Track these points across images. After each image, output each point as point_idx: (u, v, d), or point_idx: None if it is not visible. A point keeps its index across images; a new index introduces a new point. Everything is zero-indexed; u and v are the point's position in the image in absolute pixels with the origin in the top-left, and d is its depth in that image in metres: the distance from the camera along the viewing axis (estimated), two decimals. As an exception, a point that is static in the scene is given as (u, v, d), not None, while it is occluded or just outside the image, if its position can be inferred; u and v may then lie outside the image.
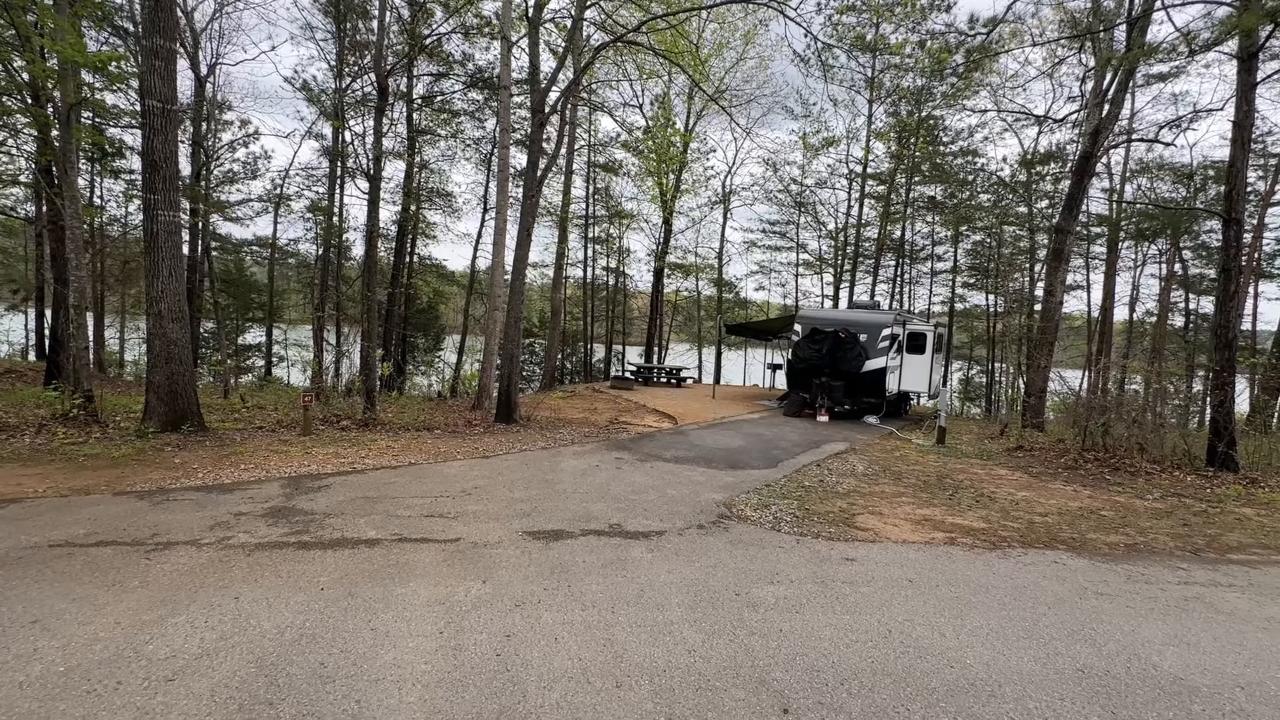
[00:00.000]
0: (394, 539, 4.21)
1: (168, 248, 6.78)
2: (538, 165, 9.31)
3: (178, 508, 4.68)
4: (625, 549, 4.26)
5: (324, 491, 5.34)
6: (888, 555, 4.48)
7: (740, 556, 4.25)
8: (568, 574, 3.73)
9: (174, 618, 2.93)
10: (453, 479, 6.08)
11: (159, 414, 6.94)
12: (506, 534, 4.44)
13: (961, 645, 3.08)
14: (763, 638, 3.05)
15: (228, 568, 3.56)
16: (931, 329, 14.56)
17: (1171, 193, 20.83)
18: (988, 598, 3.74)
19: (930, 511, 5.95)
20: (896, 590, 3.78)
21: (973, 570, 4.25)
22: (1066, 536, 5.29)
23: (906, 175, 23.64)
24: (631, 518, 5.04)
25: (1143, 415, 8.92)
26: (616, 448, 8.39)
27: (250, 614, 3.01)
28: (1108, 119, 13.82)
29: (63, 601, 3.04)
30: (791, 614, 3.35)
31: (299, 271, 28.02)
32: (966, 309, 26.41)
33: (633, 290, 29.77)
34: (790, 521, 5.28)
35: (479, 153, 24.17)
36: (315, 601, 3.18)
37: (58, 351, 11.08)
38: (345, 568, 3.64)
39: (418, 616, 3.08)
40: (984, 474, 8.06)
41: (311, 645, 2.74)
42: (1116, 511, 6.29)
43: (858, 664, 2.83)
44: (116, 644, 2.67)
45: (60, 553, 3.65)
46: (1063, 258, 14.44)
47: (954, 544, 4.92)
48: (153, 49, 6.35)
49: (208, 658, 2.60)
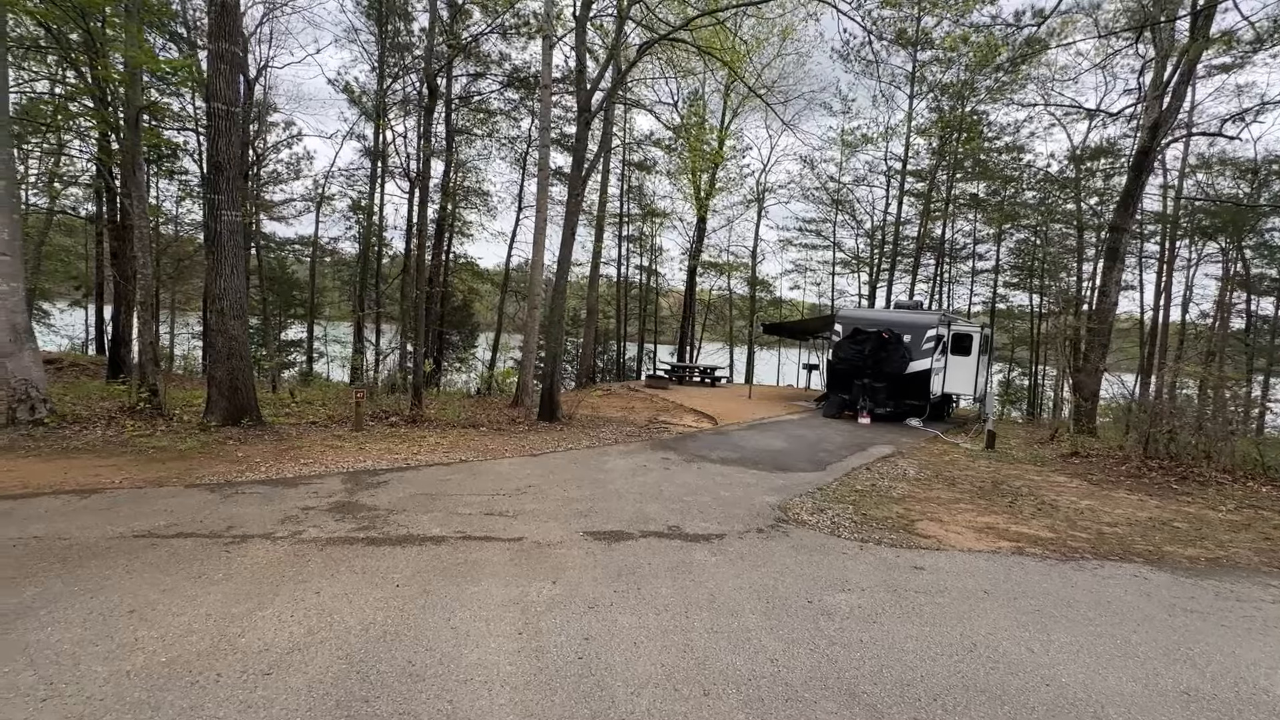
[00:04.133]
0: (459, 536, 4.24)
1: (230, 246, 6.97)
2: (583, 163, 9.32)
3: (247, 501, 4.80)
4: (688, 552, 4.21)
5: (383, 488, 5.42)
6: (957, 564, 4.35)
7: (805, 562, 4.17)
8: (635, 576, 3.71)
9: (261, 611, 2.99)
10: (506, 477, 6.12)
11: (220, 408, 7.15)
12: (568, 534, 4.44)
13: (1053, 662, 2.96)
14: (844, 648, 2.98)
15: (304, 562, 3.62)
16: (978, 330, 14.18)
17: (1231, 189, 19.92)
18: (1071, 612, 3.60)
19: (992, 519, 5.78)
20: (973, 602, 3.67)
21: (1049, 582, 4.10)
22: (1141, 549, 5.07)
23: (948, 172, 23.08)
24: (688, 520, 5.00)
25: (1213, 421, 8.53)
26: (661, 447, 8.35)
27: (332, 609, 3.05)
28: (1168, 112, 13.26)
29: (154, 592, 3.12)
30: (869, 624, 3.26)
31: (336, 269, 28.66)
32: (1008, 309, 25.68)
33: (664, 289, 29.71)
34: (849, 526, 5.17)
35: (514, 152, 24.36)
36: (393, 599, 3.21)
37: (119, 346, 11.51)
38: (416, 565, 3.68)
39: (494, 616, 3.08)
40: (1041, 481, 7.80)
41: (396, 643, 2.76)
42: (1190, 523, 6.01)
43: (948, 679, 2.74)
44: (211, 636, 2.73)
45: (145, 543, 3.76)
46: (1118, 257, 13.91)
47: (1022, 553, 4.76)
48: (218, 53, 6.54)
49: (299, 652, 2.64)
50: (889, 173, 24.44)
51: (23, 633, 2.65)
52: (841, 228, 26.38)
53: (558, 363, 9.69)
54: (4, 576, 3.19)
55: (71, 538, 3.78)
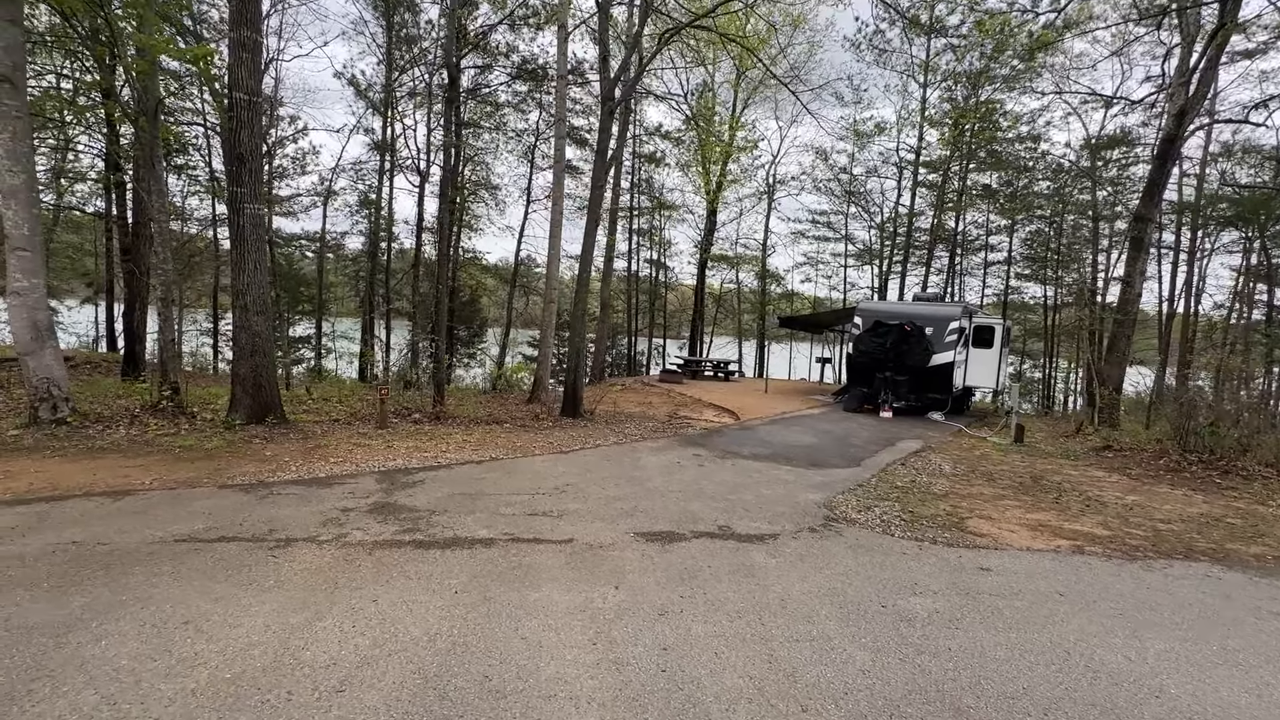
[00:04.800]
0: (507, 539, 4.09)
1: (253, 240, 6.80)
2: (606, 153, 9.13)
3: (284, 502, 4.66)
4: (745, 554, 4.06)
5: (419, 487, 5.27)
6: (1022, 564, 4.19)
7: (868, 564, 4.02)
8: (697, 580, 3.56)
9: (320, 621, 2.84)
10: (541, 475, 5.97)
11: (244, 406, 7.00)
12: (617, 535, 4.29)
13: (1155, 671, 2.81)
14: (933, 657, 2.83)
15: (354, 567, 3.48)
16: (1000, 322, 13.99)
17: (1249, 178, 19.60)
18: (1155, 616, 3.45)
19: (1042, 516, 5.62)
20: (1051, 605, 3.51)
21: (1121, 583, 3.94)
22: (1203, 547, 4.91)
23: (961, 162, 22.80)
24: (736, 519, 4.85)
25: (1253, 414, 8.35)
26: (690, 444, 8.20)
27: (394, 618, 2.91)
28: (1195, 99, 13.00)
29: (206, 601, 2.98)
30: (951, 630, 3.11)
31: (341, 264, 28.46)
32: (1022, 301, 25.43)
33: (673, 283, 29.49)
34: (900, 525, 5.02)
35: (521, 145, 24.11)
36: (454, 606, 3.06)
37: (134, 343, 11.37)
38: (471, 569, 3.53)
39: (563, 625, 2.94)
40: (1080, 476, 7.63)
41: (468, 655, 2.62)
42: (1244, 520, 5.85)
43: (1051, 692, 2.59)
44: (273, 649, 2.58)
45: (188, 548, 3.62)
46: (1143, 247, 13.69)
47: (1083, 552, 4.60)
48: (240, 41, 6.35)
49: (368, 667, 2.49)
50: (900, 164, 24.18)
51: (76, 647, 2.51)
52: (854, 220, 26.12)
53: (581, 358, 9.53)
54: (50, 586, 3.04)
55: (111, 543, 3.64)
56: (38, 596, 2.93)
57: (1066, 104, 20.99)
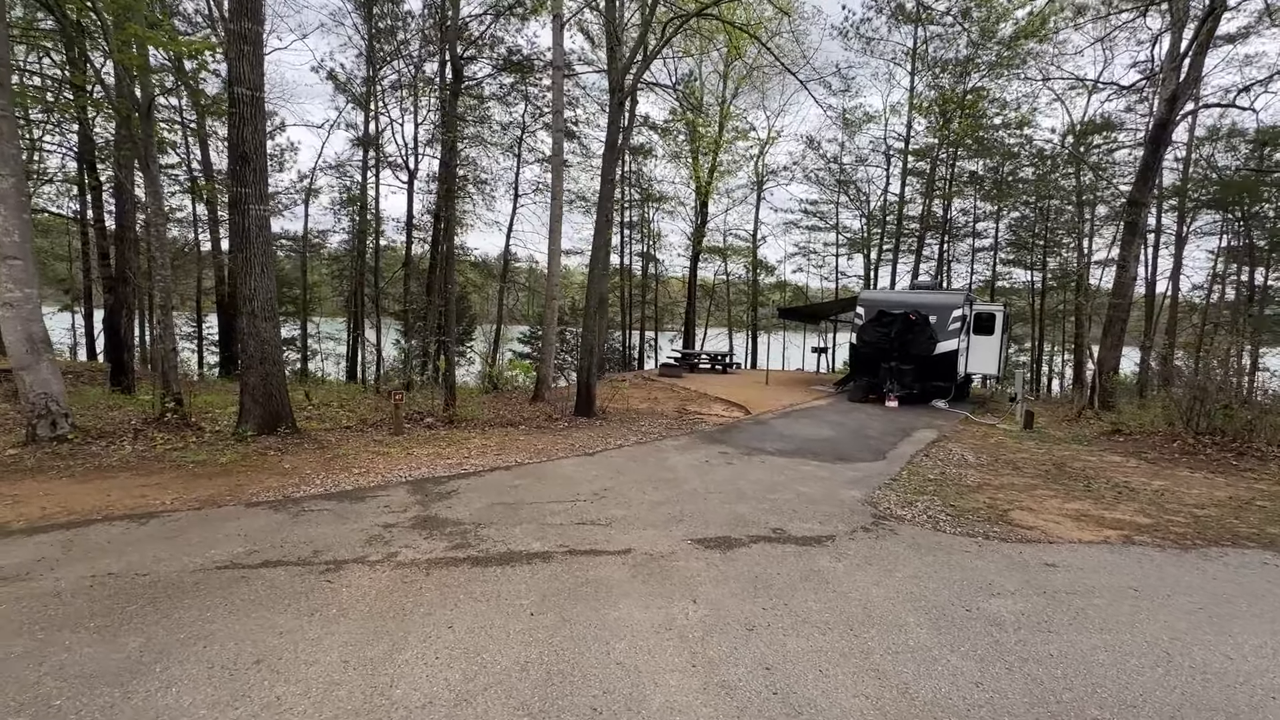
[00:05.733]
0: (563, 551, 3.94)
1: (259, 243, 6.49)
2: (615, 146, 8.91)
3: (319, 519, 4.44)
4: (810, 558, 3.96)
5: (456, 498, 5.08)
6: (1083, 559, 4.16)
7: (933, 564, 3.94)
8: (773, 590, 3.45)
9: (400, 654, 2.67)
10: (574, 480, 5.81)
11: (255, 416, 6.72)
12: (674, 543, 4.16)
13: (1261, 670, 2.77)
14: (1039, 665, 2.75)
15: (416, 590, 3.30)
16: (1000, 308, 14.09)
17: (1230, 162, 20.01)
18: (1233, 608, 3.42)
19: (1079, 505, 5.62)
20: (1130, 601, 3.47)
21: (1187, 575, 3.92)
22: (1246, 533, 4.94)
23: (949, 150, 22.93)
24: (786, 520, 4.75)
25: (1261, 394, 8.49)
26: (712, 441, 8.10)
27: (476, 647, 2.74)
28: (1186, 83, 13.16)
29: (271, 636, 2.78)
30: (1045, 634, 3.04)
31: (325, 264, 27.80)
32: (1009, 286, 25.77)
33: (663, 276, 29.33)
34: (947, 520, 4.97)
35: (507, 137, 23.64)
36: (534, 630, 2.91)
37: (121, 351, 10.92)
38: (538, 588, 3.37)
39: (654, 646, 2.80)
40: (1099, 462, 7.69)
41: (567, 685, 2.47)
42: (1272, 502, 5.92)
43: (1168, 697, 2.52)
44: (360, 689, 2.41)
45: (233, 576, 3.41)
46: (1137, 231, 13.90)
47: (1133, 543, 4.59)
48: (240, 33, 6.01)
49: (467, 704, 2.33)
50: (889, 152, 24.26)
51: (146, 697, 2.31)
52: (844, 209, 26.18)
53: (594, 356, 9.35)
54: (97, 625, 2.82)
55: (151, 573, 3.41)
56: (86, 638, 2.71)
57: (1051, 90, 21.20)
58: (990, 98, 21.64)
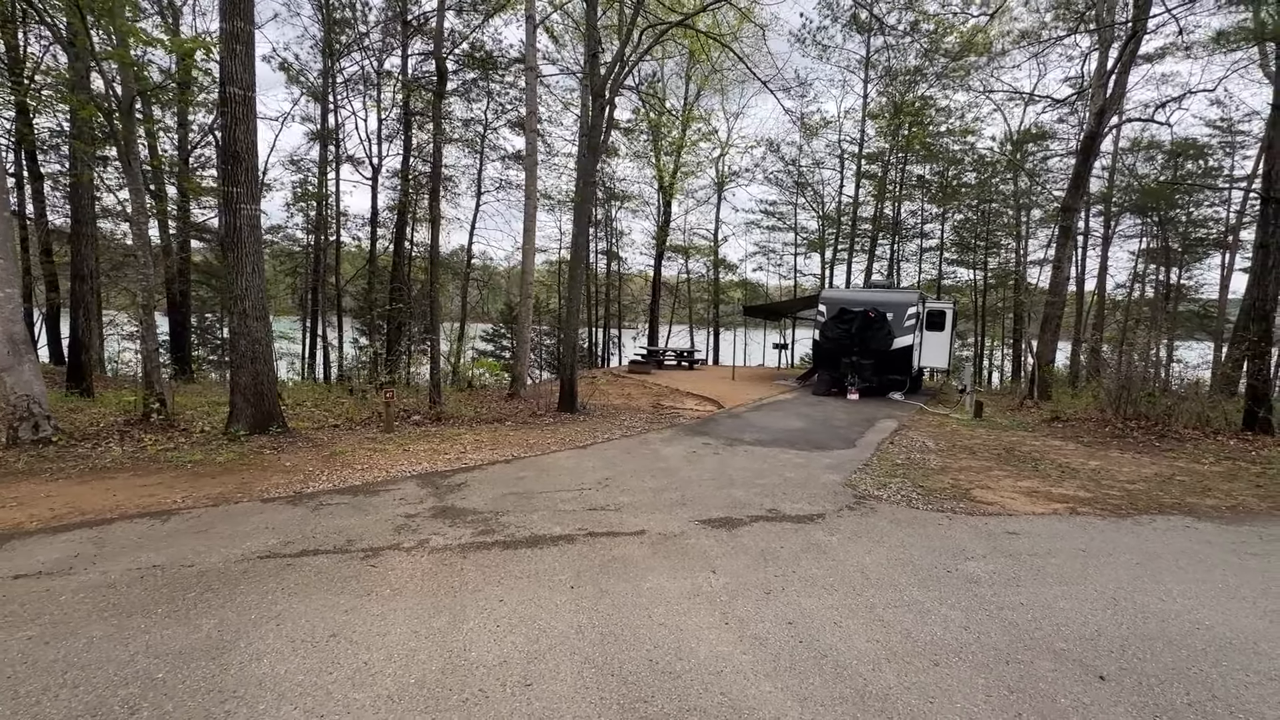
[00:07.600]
0: (583, 534, 4.25)
1: (251, 242, 6.49)
2: (598, 150, 9.18)
3: (338, 512, 4.60)
4: (807, 533, 4.40)
5: (466, 489, 5.30)
6: (1039, 527, 4.74)
7: (915, 535, 4.44)
8: (781, 560, 3.86)
9: (463, 624, 2.94)
10: (574, 472, 6.10)
11: (246, 416, 6.71)
12: (683, 525, 4.53)
13: (1188, 609, 3.34)
14: (1014, 610, 3.24)
15: (458, 571, 3.56)
16: (950, 306, 15.05)
17: (1146, 170, 21.85)
18: (1163, 564, 4.03)
19: (1030, 483, 6.28)
20: (1082, 560, 4.04)
21: (1125, 538, 4.55)
22: (1170, 502, 5.67)
23: (899, 155, 24.09)
24: (778, 502, 5.18)
25: (1178, 383, 9.49)
26: (694, 433, 8.51)
27: (531, 617, 3.04)
28: (1112, 99, 14.35)
29: (337, 614, 3.00)
30: (1015, 588, 3.55)
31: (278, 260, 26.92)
32: (954, 284, 27.25)
33: (627, 274, 29.66)
34: (919, 499, 5.51)
35: (469, 132, 23.43)
36: (579, 600, 3.22)
37: (79, 352, 10.52)
38: (571, 566, 3.68)
39: (689, 609, 3.16)
40: (1042, 446, 8.48)
41: (623, 643, 2.80)
42: (1190, 477, 6.74)
43: (1119, 631, 3.05)
44: (438, 654, 2.67)
45: (279, 564, 3.58)
46: (1070, 234, 15.05)
47: (1077, 513, 5.23)
48: (232, 32, 6.00)
49: (539, 661, 2.63)
50: (844, 156, 25.26)
51: (240, 667, 2.51)
52: (802, 210, 27.11)
53: (575, 353, 9.62)
54: (166, 611, 2.97)
55: (196, 564, 3.54)
56: (160, 622, 2.87)
57: (992, 100, 22.58)
58: (937, 107, 22.88)
